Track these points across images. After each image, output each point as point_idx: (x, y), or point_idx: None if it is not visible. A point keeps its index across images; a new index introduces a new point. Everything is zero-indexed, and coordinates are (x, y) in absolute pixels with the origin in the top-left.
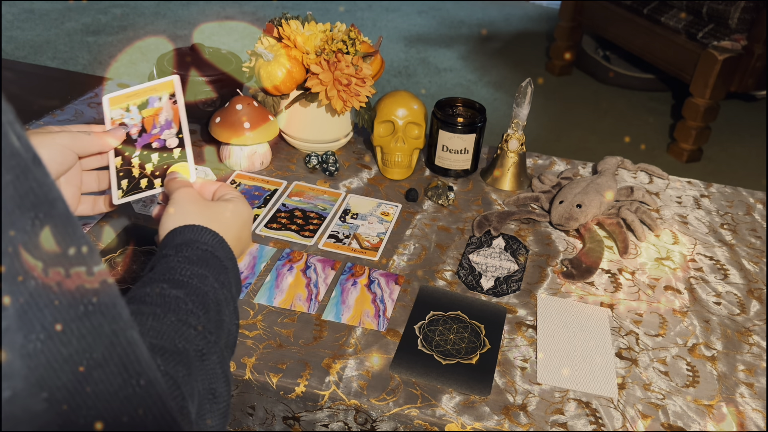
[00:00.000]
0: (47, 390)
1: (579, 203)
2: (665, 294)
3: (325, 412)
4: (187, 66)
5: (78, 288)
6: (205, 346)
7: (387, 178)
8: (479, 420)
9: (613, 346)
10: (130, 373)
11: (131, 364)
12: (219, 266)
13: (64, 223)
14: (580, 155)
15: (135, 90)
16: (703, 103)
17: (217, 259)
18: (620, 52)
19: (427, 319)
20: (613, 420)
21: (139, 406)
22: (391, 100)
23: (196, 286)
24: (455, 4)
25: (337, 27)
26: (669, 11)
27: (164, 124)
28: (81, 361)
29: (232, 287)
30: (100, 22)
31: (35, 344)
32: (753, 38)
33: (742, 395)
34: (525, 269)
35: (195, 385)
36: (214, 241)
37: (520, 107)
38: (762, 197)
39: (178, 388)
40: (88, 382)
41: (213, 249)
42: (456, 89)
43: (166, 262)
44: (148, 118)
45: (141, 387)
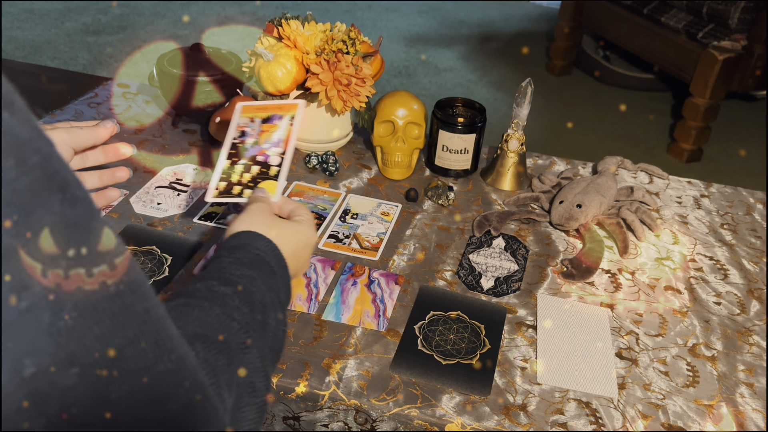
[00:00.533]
0: (78, 366)
1: (579, 203)
2: (665, 294)
3: (325, 412)
4: (188, 66)
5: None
6: (248, 341)
7: (387, 178)
8: (479, 420)
9: (613, 346)
10: (162, 349)
11: (162, 341)
12: (269, 271)
13: (87, 204)
14: (580, 155)
15: (265, 104)
16: (703, 103)
17: (267, 264)
18: (620, 52)
19: (427, 319)
20: (613, 420)
21: (171, 382)
22: (391, 100)
23: (244, 287)
24: (455, 4)
25: (337, 27)
26: (669, 11)
27: (274, 142)
28: (113, 339)
29: (280, 293)
30: (100, 22)
31: (66, 322)
32: (753, 38)
33: (742, 395)
34: (525, 269)
35: (234, 377)
36: (267, 247)
37: (520, 107)
38: (762, 197)
39: (215, 375)
40: (121, 359)
41: (264, 255)
42: (456, 89)
43: (219, 263)
44: (265, 132)
45: (173, 362)
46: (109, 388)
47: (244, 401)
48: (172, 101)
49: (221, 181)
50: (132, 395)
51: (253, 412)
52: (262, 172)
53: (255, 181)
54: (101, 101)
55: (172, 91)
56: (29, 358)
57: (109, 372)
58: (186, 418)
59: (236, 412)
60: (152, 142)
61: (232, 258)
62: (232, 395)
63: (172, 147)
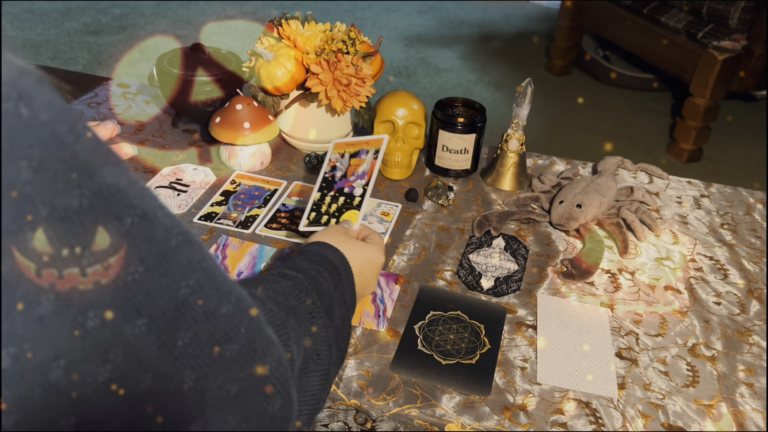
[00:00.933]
0: (146, 316)
1: (579, 203)
2: (665, 294)
3: (325, 412)
4: (188, 66)
5: (165, 226)
6: (315, 313)
7: (387, 178)
8: (479, 420)
9: (613, 346)
10: (222, 292)
11: (221, 285)
12: (334, 270)
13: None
14: (580, 155)
15: (354, 140)
16: (703, 103)
17: (333, 265)
18: (620, 52)
19: (427, 319)
20: (613, 420)
21: (232, 322)
22: (391, 100)
23: (313, 276)
24: (455, 4)
25: (337, 27)
26: (669, 11)
27: (360, 174)
28: (178, 289)
29: (345, 292)
30: (100, 22)
31: (133, 276)
32: (753, 38)
33: (742, 395)
34: (525, 269)
35: (302, 340)
36: (335, 255)
37: (520, 107)
38: (762, 197)
39: (285, 330)
40: (187, 307)
41: (332, 258)
42: (456, 89)
43: (289, 259)
44: (353, 166)
45: (232, 303)
46: (176, 336)
47: (310, 367)
48: (171, 101)
49: (312, 211)
50: (196, 340)
51: (317, 378)
52: (347, 202)
53: (340, 210)
54: (101, 101)
55: (172, 91)
56: (93, 311)
57: (176, 320)
58: (245, 356)
59: (303, 376)
60: (152, 142)
61: (302, 257)
62: (300, 357)
63: (172, 147)
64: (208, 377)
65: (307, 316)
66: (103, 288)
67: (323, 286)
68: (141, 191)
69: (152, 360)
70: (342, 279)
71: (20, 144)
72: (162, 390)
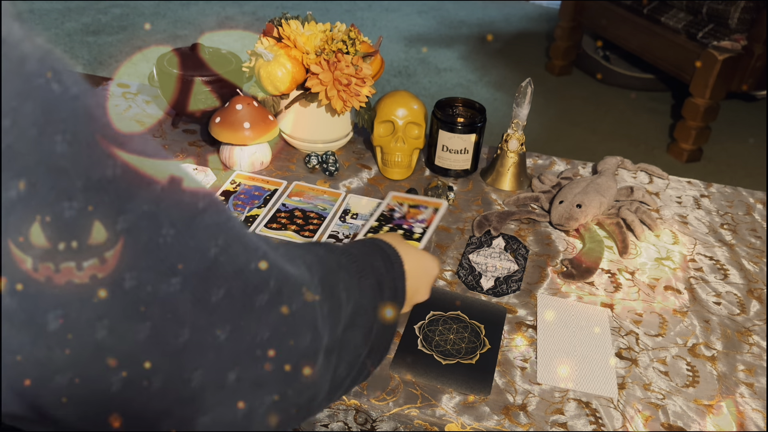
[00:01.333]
0: (180, 275)
1: (579, 203)
2: (665, 294)
3: (325, 412)
4: (187, 66)
5: (191, 190)
6: (364, 274)
7: (387, 178)
8: (479, 420)
9: (613, 346)
10: (249, 250)
11: (249, 243)
12: (386, 258)
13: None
14: (580, 155)
15: (412, 197)
16: (703, 103)
17: (385, 253)
18: (620, 52)
19: (427, 319)
20: (613, 420)
21: (261, 277)
22: (391, 100)
23: (365, 253)
24: (455, 4)
25: (337, 27)
26: (669, 11)
27: (419, 220)
28: (208, 249)
29: (396, 280)
30: (100, 22)
31: (165, 239)
32: (753, 38)
33: (742, 395)
34: (525, 269)
35: (352, 290)
36: (388, 248)
37: (520, 107)
38: (762, 197)
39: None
40: (217, 265)
41: (385, 248)
42: (456, 89)
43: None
44: (411, 213)
45: (260, 259)
46: (210, 292)
47: (356, 322)
48: (171, 101)
49: (369, 231)
50: (228, 295)
51: (359, 336)
52: (406, 236)
53: None
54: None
55: (172, 91)
56: (129, 272)
57: (208, 278)
58: (275, 302)
59: (347, 331)
60: None
61: (355, 242)
62: (349, 305)
63: (172, 147)
64: (242, 328)
65: (356, 275)
66: (137, 251)
67: (375, 263)
68: (166, 159)
69: (188, 315)
70: (394, 267)
71: (55, 118)
72: (199, 342)
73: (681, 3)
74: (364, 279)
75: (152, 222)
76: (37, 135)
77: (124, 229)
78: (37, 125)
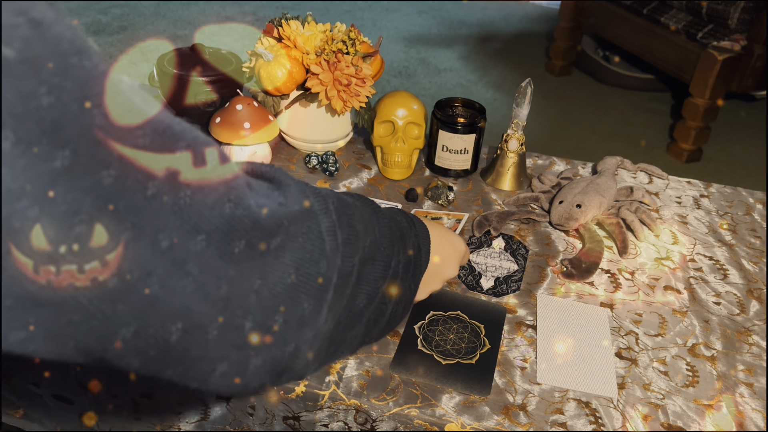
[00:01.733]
0: (203, 233)
1: (579, 203)
2: (665, 294)
3: (325, 412)
4: (188, 66)
5: (204, 153)
6: (380, 216)
7: (387, 178)
8: (479, 420)
9: (613, 346)
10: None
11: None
12: (409, 221)
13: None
14: (579, 155)
15: (435, 212)
16: (703, 103)
17: (408, 217)
18: (620, 52)
19: (427, 319)
20: (612, 420)
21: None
22: (391, 100)
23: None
24: (455, 4)
25: (337, 27)
26: (669, 11)
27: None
28: (223, 205)
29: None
30: (100, 22)
31: (184, 199)
32: (753, 38)
33: (741, 395)
34: (525, 269)
35: (370, 224)
36: (411, 215)
37: (520, 107)
38: (762, 197)
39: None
40: (234, 219)
41: (408, 215)
42: (456, 89)
43: None
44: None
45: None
46: (232, 245)
47: (376, 255)
48: (172, 101)
49: None
50: (248, 244)
51: (378, 270)
52: None
53: None
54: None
55: (172, 91)
56: (162, 233)
57: (228, 233)
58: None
59: (368, 262)
60: None
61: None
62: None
63: None
64: (268, 275)
65: (374, 214)
66: (165, 212)
67: (396, 217)
68: (182, 125)
69: (220, 268)
70: (415, 225)
71: (90, 93)
72: (239, 292)
73: (681, 3)
74: (383, 219)
75: (171, 186)
76: (77, 109)
77: (153, 194)
78: (77, 100)
